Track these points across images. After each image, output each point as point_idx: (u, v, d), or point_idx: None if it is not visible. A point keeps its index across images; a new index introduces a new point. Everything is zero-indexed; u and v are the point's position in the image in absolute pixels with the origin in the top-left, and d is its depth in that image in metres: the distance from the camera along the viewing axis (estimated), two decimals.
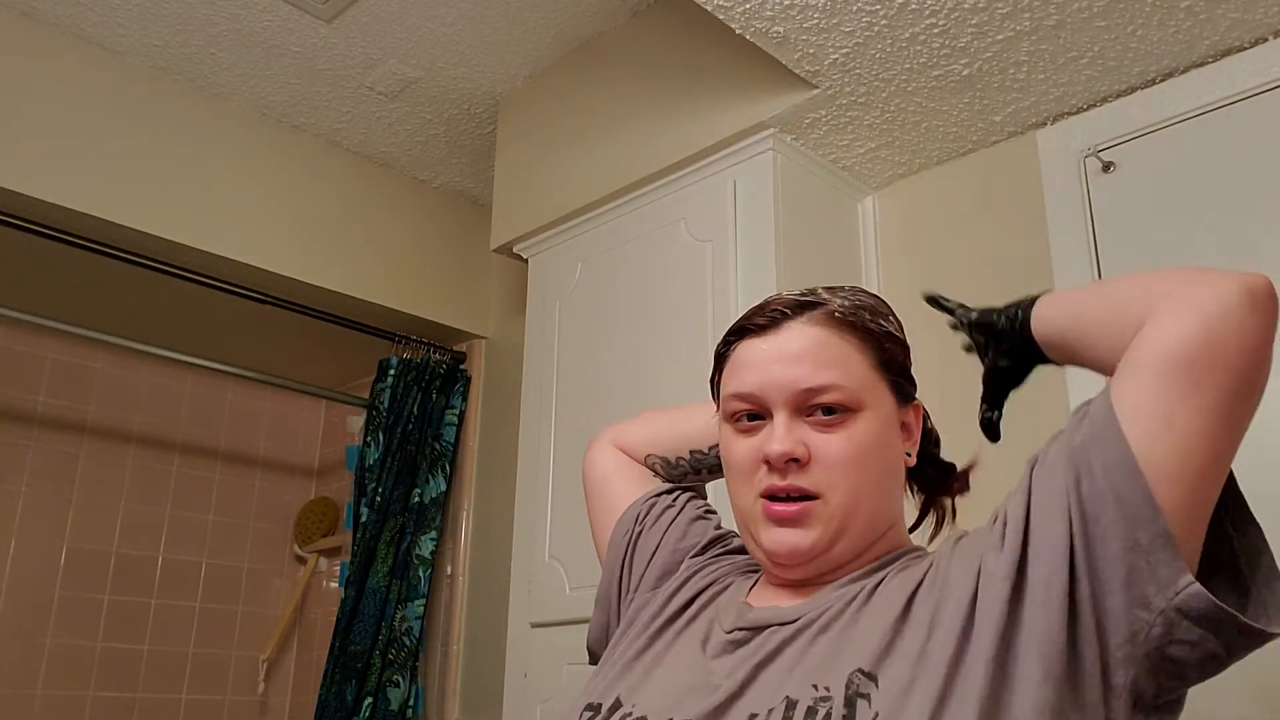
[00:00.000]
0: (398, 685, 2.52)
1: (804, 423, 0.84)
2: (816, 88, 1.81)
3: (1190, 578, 0.69)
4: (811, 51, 1.72)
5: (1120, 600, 0.70)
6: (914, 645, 0.74)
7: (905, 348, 0.91)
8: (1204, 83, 1.70)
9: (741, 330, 0.89)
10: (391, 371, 2.71)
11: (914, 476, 0.97)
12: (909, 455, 0.90)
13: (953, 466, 1.01)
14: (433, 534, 2.65)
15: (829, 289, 0.91)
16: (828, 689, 0.73)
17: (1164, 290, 0.76)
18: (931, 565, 0.81)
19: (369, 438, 2.68)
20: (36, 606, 2.80)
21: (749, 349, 0.87)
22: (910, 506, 0.98)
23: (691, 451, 1.07)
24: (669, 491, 1.07)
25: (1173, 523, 0.70)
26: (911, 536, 0.95)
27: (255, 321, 2.75)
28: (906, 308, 1.38)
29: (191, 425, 3.22)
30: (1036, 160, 1.89)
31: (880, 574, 0.84)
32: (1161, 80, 1.76)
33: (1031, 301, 0.89)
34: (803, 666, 0.77)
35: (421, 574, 2.62)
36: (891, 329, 0.90)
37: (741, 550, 1.01)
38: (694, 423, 1.06)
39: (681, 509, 1.04)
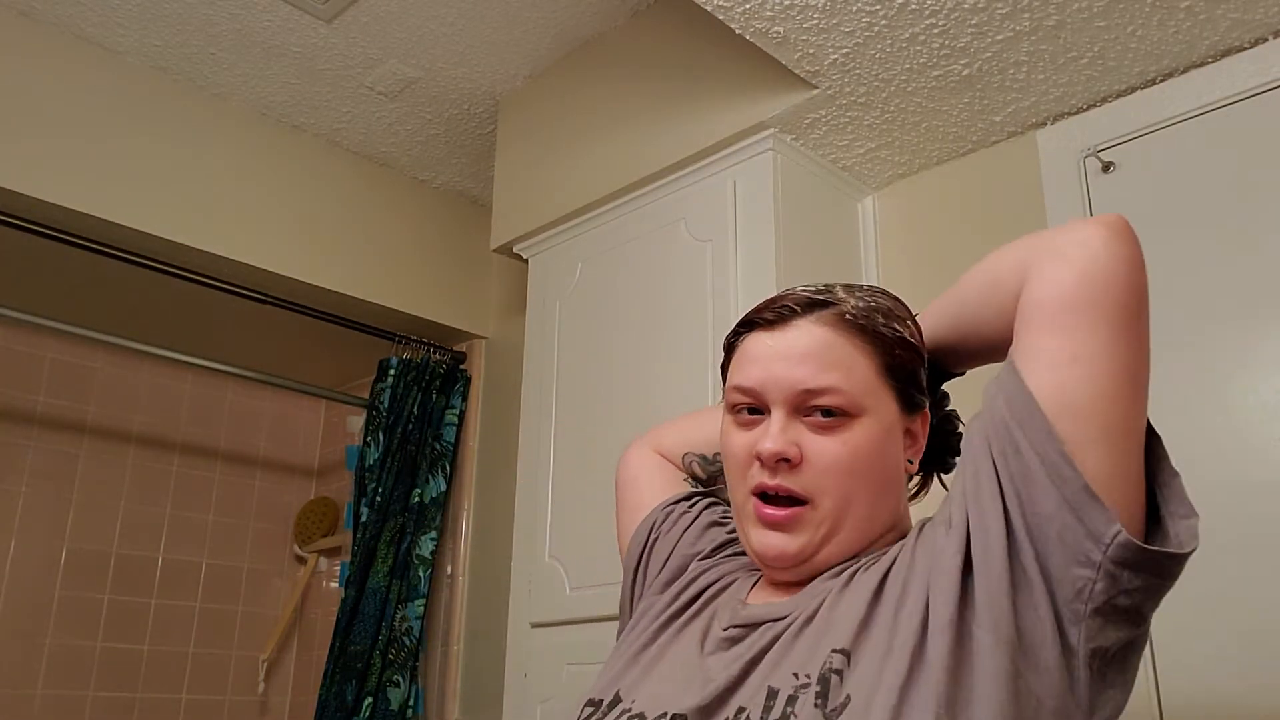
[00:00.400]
0: (398, 685, 2.52)
1: (801, 423, 0.83)
2: (816, 88, 1.81)
3: (1118, 527, 0.70)
4: (811, 51, 1.72)
5: (1059, 559, 0.71)
6: (885, 622, 0.75)
7: (919, 355, 0.89)
8: (1204, 83, 1.70)
9: (751, 323, 0.88)
10: (391, 371, 2.71)
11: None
12: (910, 463, 0.89)
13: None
14: (433, 534, 2.65)
15: (848, 287, 0.90)
16: (808, 675, 0.74)
17: (1029, 251, 0.80)
18: (902, 548, 0.82)
19: (369, 438, 2.68)
20: (36, 606, 2.80)
21: (756, 342, 0.87)
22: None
23: None
24: (688, 499, 1.07)
25: (1095, 475, 0.71)
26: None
27: (255, 321, 2.75)
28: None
29: (191, 425, 3.22)
30: (1036, 160, 1.89)
31: (860, 561, 0.85)
32: (1161, 80, 1.76)
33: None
34: (788, 659, 0.78)
35: (421, 574, 2.62)
36: (906, 334, 0.88)
37: None
38: None
39: (697, 516, 1.04)
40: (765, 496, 0.84)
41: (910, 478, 0.92)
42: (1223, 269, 1.62)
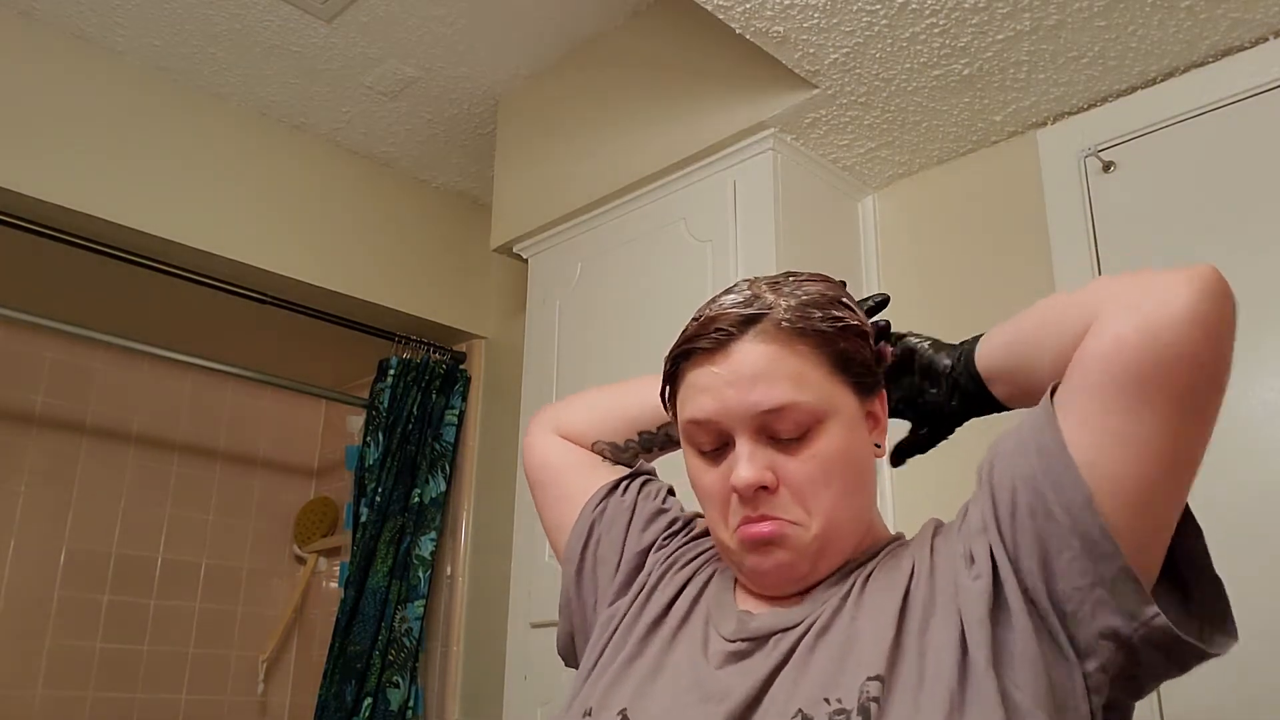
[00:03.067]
0: (398, 686, 2.52)
1: (768, 445, 0.80)
2: (816, 87, 1.81)
3: (1155, 609, 0.68)
4: (811, 51, 1.72)
5: (1088, 631, 0.70)
6: (912, 648, 0.73)
7: (863, 334, 0.85)
8: (1204, 83, 1.70)
9: (689, 351, 0.83)
10: (391, 371, 2.71)
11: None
12: (878, 446, 0.86)
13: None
14: (433, 534, 2.65)
15: (772, 285, 0.84)
16: (840, 701, 0.71)
17: (1105, 296, 0.72)
18: (916, 558, 0.80)
19: (369, 438, 2.68)
20: (36, 607, 2.80)
21: (701, 373, 0.81)
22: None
23: (640, 433, 1.03)
24: (618, 486, 1.02)
25: (1132, 553, 0.68)
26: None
27: (255, 321, 2.75)
28: (907, 307, 1.38)
29: (191, 425, 3.22)
30: (1036, 160, 1.89)
31: (869, 566, 0.83)
32: (1162, 80, 1.75)
33: (976, 338, 0.87)
34: (810, 676, 0.75)
35: (421, 574, 2.61)
36: (847, 318, 0.83)
37: (707, 533, 0.98)
38: (639, 401, 1.02)
39: (635, 506, 1.00)
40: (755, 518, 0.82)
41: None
42: (1222, 268, 1.62)
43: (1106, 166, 1.79)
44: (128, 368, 3.09)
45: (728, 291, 0.85)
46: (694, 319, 0.85)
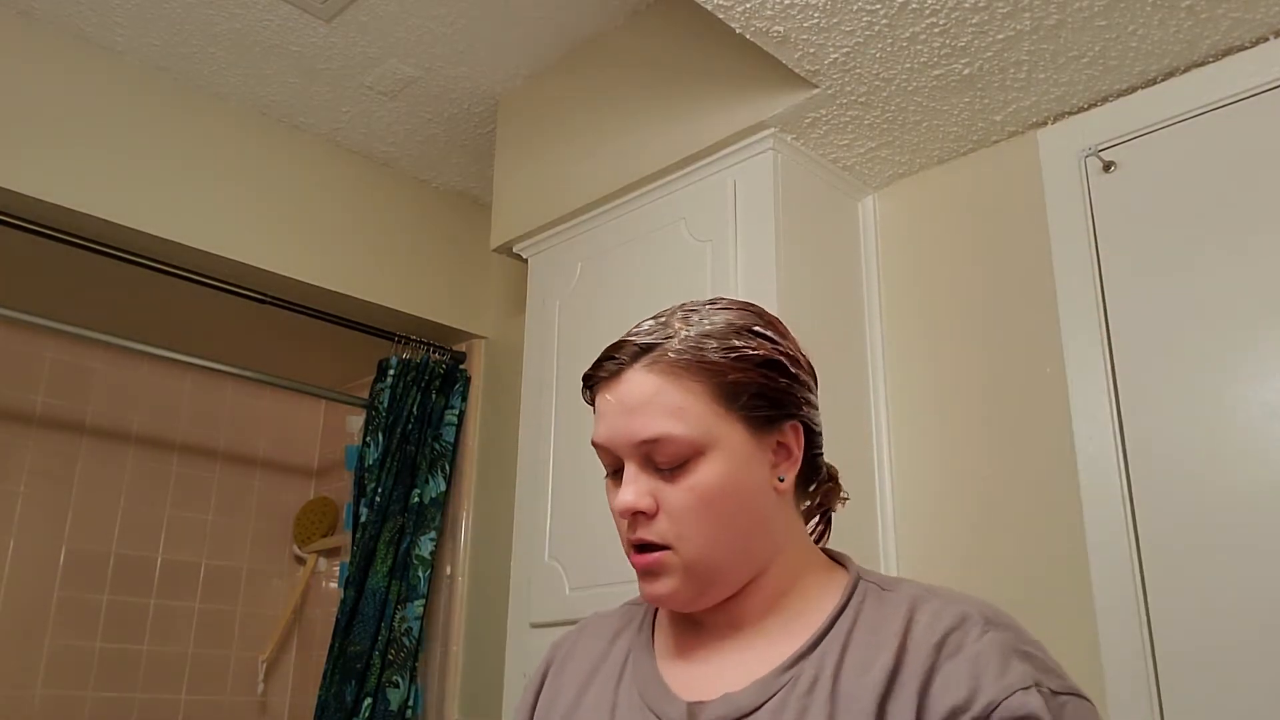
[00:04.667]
0: (397, 686, 2.52)
1: (653, 472, 0.82)
2: (816, 87, 1.81)
3: None
4: (812, 51, 1.72)
5: None
6: None
7: (769, 364, 0.84)
8: (1205, 82, 1.70)
9: (591, 377, 0.87)
10: (391, 371, 2.71)
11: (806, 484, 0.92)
12: (780, 481, 0.84)
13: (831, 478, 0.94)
14: (432, 534, 2.65)
15: (685, 314, 0.86)
16: None
17: None
18: (900, 662, 0.75)
19: (369, 438, 2.68)
20: (36, 606, 2.80)
21: (600, 399, 0.86)
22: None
23: None
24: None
25: None
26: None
27: (255, 321, 2.75)
28: (908, 307, 1.38)
29: (191, 425, 3.22)
30: (1037, 160, 1.89)
31: (821, 647, 0.79)
32: (1162, 80, 1.75)
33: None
34: None
35: (421, 574, 2.61)
36: (747, 349, 0.83)
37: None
38: None
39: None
40: (638, 547, 0.83)
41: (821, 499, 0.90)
42: (1223, 268, 1.62)
43: (1106, 166, 1.79)
44: (128, 368, 3.09)
45: (652, 318, 0.88)
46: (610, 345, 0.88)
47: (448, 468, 2.72)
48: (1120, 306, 1.71)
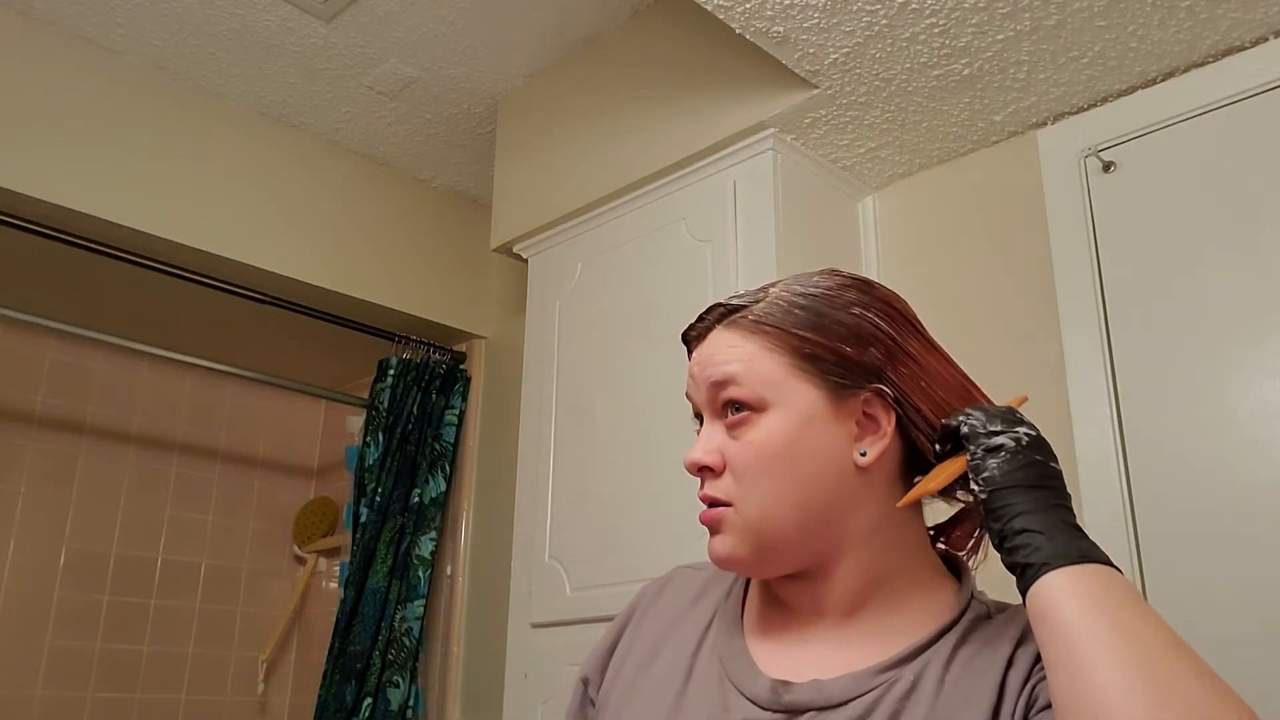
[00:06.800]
0: (397, 686, 2.52)
1: (724, 430, 0.82)
2: (816, 87, 1.81)
3: None
4: (811, 51, 1.72)
5: None
6: None
7: (857, 337, 0.80)
8: (1204, 82, 1.70)
9: (685, 337, 0.89)
10: (391, 371, 2.71)
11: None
12: (862, 455, 0.79)
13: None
14: (433, 534, 2.65)
15: (790, 281, 0.85)
16: None
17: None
18: (1012, 668, 0.72)
19: (369, 438, 2.68)
20: (36, 607, 2.80)
21: (692, 356, 0.88)
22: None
23: None
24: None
25: None
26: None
27: (255, 321, 2.75)
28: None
29: (191, 425, 3.22)
30: (1036, 160, 1.89)
31: (924, 658, 0.76)
32: (1162, 80, 1.75)
33: (1093, 558, 0.69)
34: None
35: (421, 574, 2.61)
36: (836, 318, 0.80)
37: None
38: None
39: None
40: (706, 503, 0.83)
41: (912, 476, 0.83)
42: (1223, 269, 1.62)
43: (1106, 166, 1.79)
44: (128, 368, 3.09)
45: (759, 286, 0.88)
46: None
47: (448, 468, 2.72)
48: (1120, 307, 1.71)
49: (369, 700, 2.46)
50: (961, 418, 0.76)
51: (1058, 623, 0.66)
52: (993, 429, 0.74)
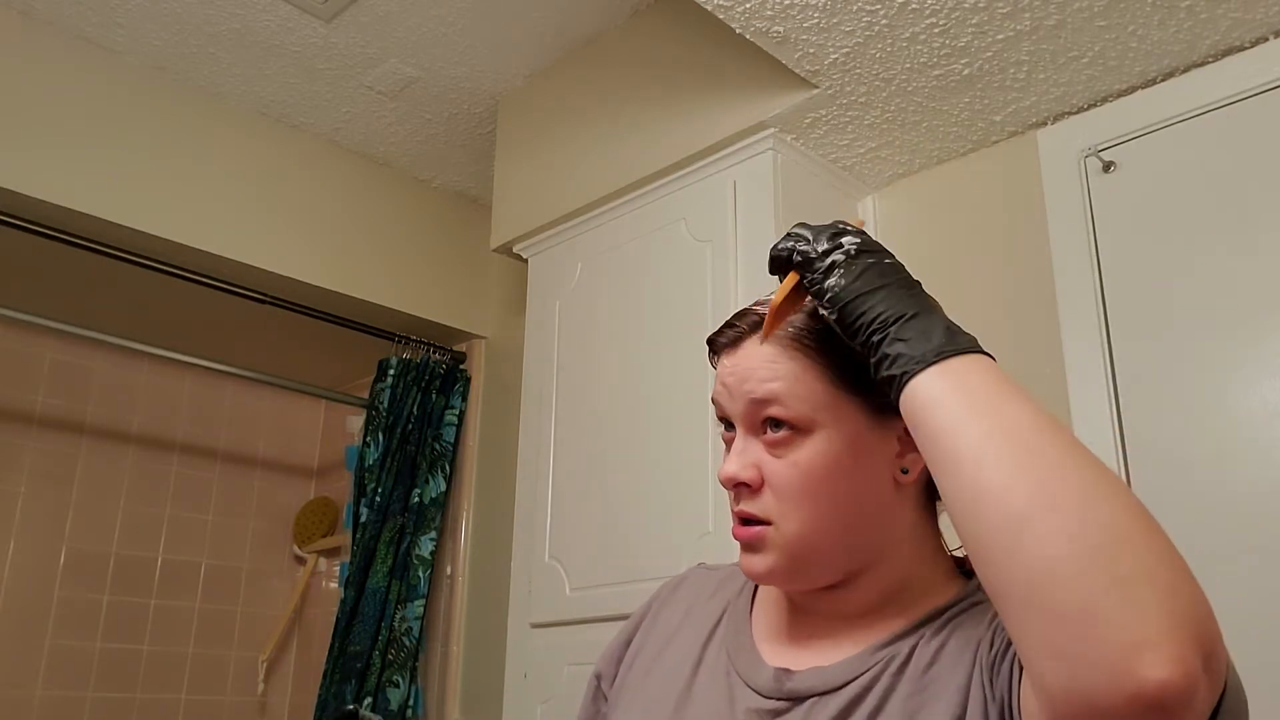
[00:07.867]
0: (397, 685, 2.52)
1: (760, 442, 0.79)
2: (816, 87, 1.81)
3: None
4: (811, 51, 1.72)
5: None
6: None
7: None
8: (1204, 82, 1.70)
9: (713, 342, 0.85)
10: (391, 371, 2.71)
11: None
12: (904, 473, 0.79)
13: None
14: (432, 534, 2.65)
15: None
16: None
17: (1108, 544, 0.56)
18: (980, 640, 0.73)
19: (369, 438, 2.68)
20: (36, 607, 2.80)
21: (720, 365, 0.84)
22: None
23: None
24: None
25: None
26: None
27: (255, 321, 2.75)
28: None
29: (191, 425, 3.22)
30: (1037, 160, 1.89)
31: (919, 634, 0.77)
32: (1162, 80, 1.75)
33: (954, 348, 0.70)
34: None
35: (421, 574, 2.61)
36: None
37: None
38: None
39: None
40: (742, 520, 0.81)
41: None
42: (1223, 269, 1.62)
43: (1106, 166, 1.79)
44: (128, 368, 3.09)
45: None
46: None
47: (448, 468, 2.72)
48: (1120, 307, 1.71)
49: (369, 700, 2.46)
50: (789, 243, 0.77)
51: (927, 426, 0.66)
52: (820, 249, 0.75)
